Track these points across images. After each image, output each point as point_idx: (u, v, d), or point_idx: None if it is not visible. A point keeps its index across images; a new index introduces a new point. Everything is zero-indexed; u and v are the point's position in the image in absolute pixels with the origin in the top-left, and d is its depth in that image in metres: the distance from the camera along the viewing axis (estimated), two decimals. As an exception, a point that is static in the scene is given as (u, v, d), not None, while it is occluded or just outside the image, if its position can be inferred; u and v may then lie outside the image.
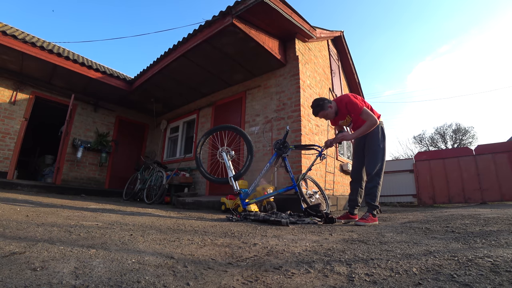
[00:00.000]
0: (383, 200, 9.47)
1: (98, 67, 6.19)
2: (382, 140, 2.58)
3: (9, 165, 5.46)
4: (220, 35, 3.98)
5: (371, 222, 2.41)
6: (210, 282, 0.79)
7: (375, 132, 2.59)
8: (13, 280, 0.71)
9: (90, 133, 6.78)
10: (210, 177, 3.11)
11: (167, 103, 6.94)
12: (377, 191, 2.50)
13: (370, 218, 2.43)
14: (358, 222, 2.41)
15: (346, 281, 0.82)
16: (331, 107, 2.65)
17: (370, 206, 2.51)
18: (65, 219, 1.95)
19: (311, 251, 1.23)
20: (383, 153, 2.56)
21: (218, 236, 1.57)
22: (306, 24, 4.51)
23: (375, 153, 2.55)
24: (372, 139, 2.60)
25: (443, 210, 4.79)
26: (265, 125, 4.72)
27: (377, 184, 2.50)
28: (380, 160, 2.53)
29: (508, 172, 7.40)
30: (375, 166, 2.51)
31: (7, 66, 5.39)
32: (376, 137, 2.58)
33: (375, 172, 2.51)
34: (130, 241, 1.31)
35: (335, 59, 6.81)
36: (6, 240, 1.17)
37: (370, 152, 2.59)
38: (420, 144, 22.15)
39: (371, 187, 2.52)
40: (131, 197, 5.42)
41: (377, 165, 2.51)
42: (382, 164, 2.54)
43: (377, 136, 2.58)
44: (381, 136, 2.59)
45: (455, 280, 0.79)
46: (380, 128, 2.61)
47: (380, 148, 2.55)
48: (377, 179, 2.51)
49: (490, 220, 2.32)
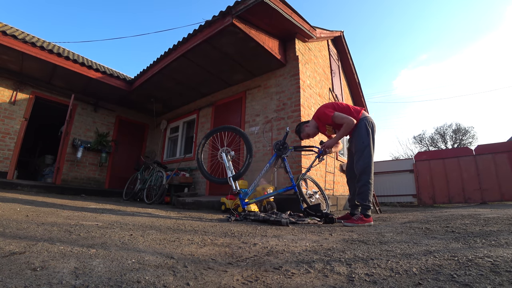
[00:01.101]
0: (383, 200, 9.47)
1: (98, 67, 6.19)
2: (367, 136, 2.50)
3: (9, 165, 5.46)
4: (220, 35, 3.98)
5: (361, 223, 2.32)
6: (210, 282, 0.79)
7: (359, 129, 2.55)
8: (13, 280, 0.71)
9: (90, 133, 6.78)
10: (211, 178, 3.13)
11: (167, 103, 6.93)
12: (367, 189, 2.41)
13: (360, 219, 2.35)
14: (346, 223, 2.36)
15: (346, 281, 0.82)
16: (308, 126, 2.90)
17: (361, 207, 2.43)
18: (65, 219, 1.95)
19: (311, 251, 1.23)
20: (368, 150, 2.47)
21: (218, 236, 1.57)
22: (306, 24, 4.51)
23: (359, 151, 2.51)
24: (356, 137, 2.57)
25: (443, 210, 4.79)
26: (265, 125, 4.72)
27: (367, 183, 2.41)
28: (366, 158, 2.46)
29: (508, 172, 7.40)
30: (362, 164, 2.46)
31: (7, 66, 5.39)
32: (360, 134, 2.53)
33: (362, 171, 2.45)
34: (130, 241, 1.31)
35: (335, 59, 6.81)
36: (6, 240, 1.17)
37: (356, 151, 2.56)
38: (420, 144, 22.16)
39: (360, 186, 2.45)
40: (131, 197, 5.42)
41: (364, 163, 2.45)
42: (368, 161, 2.46)
43: (361, 133, 2.53)
44: (365, 132, 2.52)
45: (455, 280, 0.79)
46: (364, 125, 2.54)
47: (363, 145, 2.49)
48: (365, 177, 2.43)
49: (490, 220, 2.32)
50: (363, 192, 2.42)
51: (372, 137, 2.53)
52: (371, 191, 2.43)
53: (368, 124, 2.56)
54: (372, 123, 2.59)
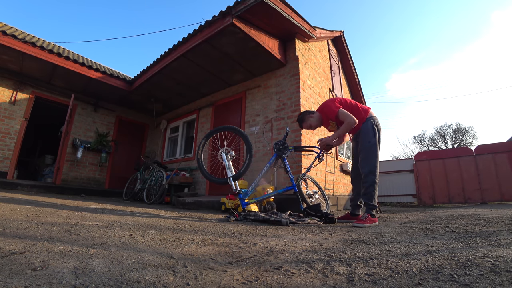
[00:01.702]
0: (383, 200, 9.47)
1: (98, 67, 6.18)
2: (373, 136, 2.48)
3: (9, 165, 5.46)
4: (220, 35, 3.98)
5: (369, 223, 2.31)
6: (210, 282, 0.79)
7: (365, 129, 2.52)
8: (13, 280, 0.71)
9: (90, 133, 6.78)
10: (211, 178, 3.13)
11: (167, 103, 6.94)
12: (373, 190, 2.39)
13: (368, 219, 2.33)
14: (356, 224, 2.32)
15: (346, 281, 0.82)
16: (313, 117, 2.81)
17: (367, 206, 2.41)
18: (65, 219, 1.95)
19: (311, 251, 1.23)
20: (374, 149, 2.45)
21: (218, 236, 1.57)
22: (306, 24, 4.51)
23: (365, 151, 2.49)
24: (362, 137, 2.54)
25: (443, 210, 4.79)
26: (265, 125, 4.72)
27: (373, 183, 2.40)
28: (372, 158, 2.44)
29: (508, 172, 7.40)
30: (367, 164, 2.45)
31: (7, 66, 5.39)
32: (366, 134, 2.51)
33: (368, 171, 2.43)
34: (130, 241, 1.31)
35: (335, 59, 6.81)
36: (6, 240, 1.17)
37: (361, 151, 2.54)
38: (420, 144, 22.14)
39: (366, 187, 2.43)
40: (131, 197, 5.42)
41: (369, 163, 2.44)
42: (374, 161, 2.44)
43: (367, 133, 2.51)
44: (371, 132, 2.49)
45: (455, 280, 0.79)
46: (371, 124, 2.52)
47: (369, 145, 2.47)
48: (371, 177, 2.41)
49: (490, 220, 2.32)
50: (369, 193, 2.41)
51: (378, 137, 2.51)
52: (376, 191, 2.42)
53: (375, 124, 2.53)
54: (378, 124, 2.57)
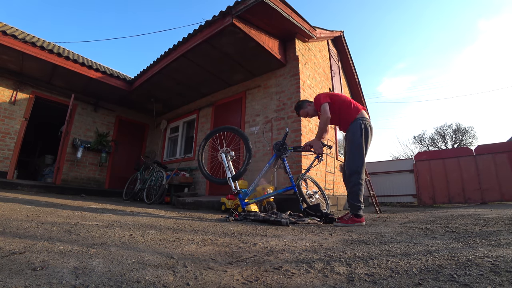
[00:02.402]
0: (383, 200, 9.46)
1: (98, 67, 6.18)
2: (360, 136, 2.47)
3: (9, 165, 5.45)
4: (220, 35, 3.98)
5: (351, 223, 2.31)
6: (210, 282, 0.79)
7: (353, 129, 2.52)
8: (13, 280, 0.71)
9: (90, 133, 6.78)
10: (211, 178, 3.14)
11: (167, 103, 6.93)
12: (358, 190, 2.39)
13: (351, 219, 2.33)
14: (337, 223, 2.35)
15: (346, 281, 0.82)
16: (310, 105, 2.92)
17: (351, 206, 2.41)
18: (65, 219, 1.95)
19: (311, 251, 1.23)
20: (360, 150, 2.45)
21: (218, 236, 1.57)
22: (306, 24, 4.51)
23: (351, 151, 2.50)
24: (350, 137, 2.55)
25: (443, 210, 4.79)
26: (265, 125, 4.72)
27: (357, 183, 2.40)
28: (357, 158, 2.45)
29: (508, 172, 7.39)
30: (353, 164, 2.45)
31: (7, 66, 5.38)
32: (353, 134, 2.51)
33: (353, 170, 2.44)
34: (130, 241, 1.31)
35: (335, 59, 6.81)
36: (6, 240, 1.16)
37: (348, 151, 2.55)
38: (420, 144, 22.12)
39: (351, 187, 2.44)
40: (131, 197, 5.42)
41: (354, 164, 2.45)
42: (360, 161, 2.44)
43: (355, 133, 2.51)
44: (359, 133, 2.48)
45: (455, 280, 0.79)
46: (359, 125, 2.50)
47: (355, 145, 2.47)
48: (356, 177, 2.41)
49: (490, 220, 2.32)
50: (353, 192, 2.42)
51: (365, 138, 2.49)
52: (361, 191, 2.42)
53: (363, 125, 2.51)
54: (368, 126, 2.54)
